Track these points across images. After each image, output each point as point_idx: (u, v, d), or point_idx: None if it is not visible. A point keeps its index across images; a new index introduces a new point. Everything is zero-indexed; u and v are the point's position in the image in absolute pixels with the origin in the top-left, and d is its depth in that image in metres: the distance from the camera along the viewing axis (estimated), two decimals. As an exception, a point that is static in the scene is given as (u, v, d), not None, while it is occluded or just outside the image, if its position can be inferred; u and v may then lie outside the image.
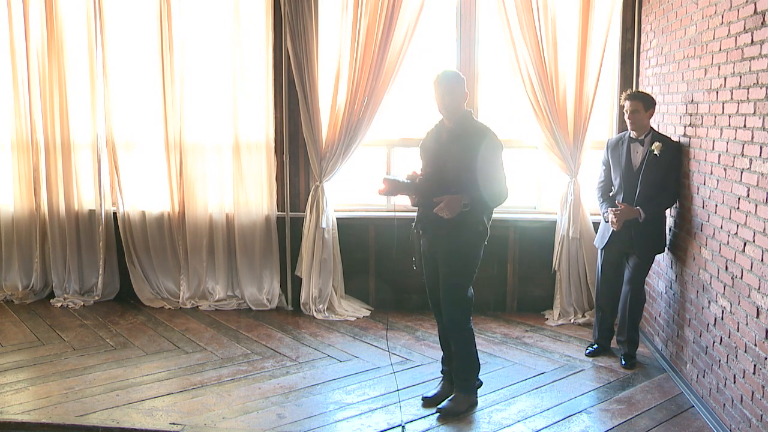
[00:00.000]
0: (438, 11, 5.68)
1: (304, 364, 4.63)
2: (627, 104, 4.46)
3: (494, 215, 5.76)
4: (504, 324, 5.48)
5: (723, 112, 3.68)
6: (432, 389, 4.12)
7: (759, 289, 3.21)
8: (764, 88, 3.18)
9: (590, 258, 5.41)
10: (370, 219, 5.80)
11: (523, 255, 5.71)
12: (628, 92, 4.54)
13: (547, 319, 5.58)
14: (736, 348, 3.46)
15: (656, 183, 4.40)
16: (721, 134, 3.72)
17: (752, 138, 3.31)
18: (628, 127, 4.51)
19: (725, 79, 3.66)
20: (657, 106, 4.58)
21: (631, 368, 4.55)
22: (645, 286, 4.75)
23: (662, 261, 4.72)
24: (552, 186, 5.72)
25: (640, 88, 5.19)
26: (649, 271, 4.72)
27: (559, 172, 5.47)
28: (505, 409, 3.99)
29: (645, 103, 4.43)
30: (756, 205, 3.26)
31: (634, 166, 4.48)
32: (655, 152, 4.36)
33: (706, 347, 3.87)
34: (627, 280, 4.60)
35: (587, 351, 4.83)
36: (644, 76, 5.22)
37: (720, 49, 3.72)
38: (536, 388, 4.27)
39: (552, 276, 5.63)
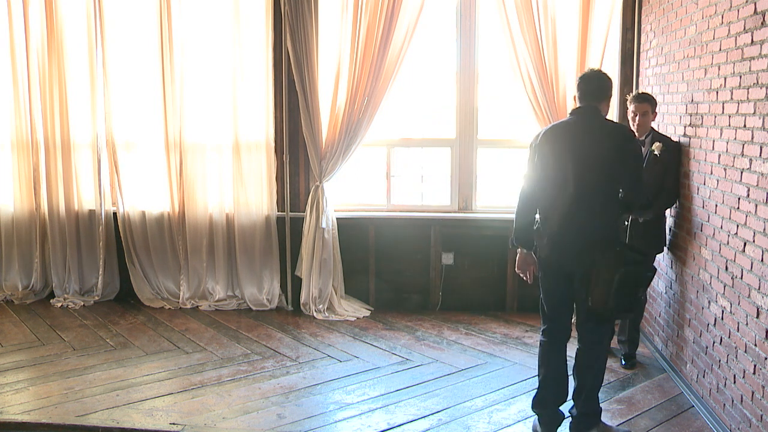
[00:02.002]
0: (438, 11, 5.68)
1: (304, 364, 4.63)
2: (636, 106, 4.38)
3: (493, 215, 5.73)
4: (504, 324, 5.48)
5: (723, 112, 3.68)
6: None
7: (759, 289, 3.21)
8: (764, 88, 3.18)
9: (590, 258, 5.40)
10: (370, 219, 5.80)
11: (523, 255, 5.69)
12: (636, 94, 4.47)
13: (547, 319, 5.57)
14: (736, 348, 3.46)
15: (656, 183, 4.39)
16: (721, 134, 3.71)
17: (752, 138, 3.31)
18: (634, 129, 4.46)
19: (725, 79, 3.65)
20: (657, 107, 4.58)
21: (631, 368, 4.55)
22: (645, 286, 4.75)
23: (662, 261, 4.71)
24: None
25: (640, 88, 5.18)
26: (649, 271, 4.72)
27: (559, 172, 5.46)
28: (505, 409, 3.99)
29: (653, 105, 4.41)
30: (756, 205, 3.26)
31: (634, 166, 4.47)
32: (656, 152, 4.34)
33: (706, 347, 3.87)
34: (627, 280, 4.59)
35: (587, 351, 4.82)
36: (644, 76, 5.21)
37: (720, 49, 3.72)
38: (536, 388, 4.25)
39: (552, 276, 5.62)
